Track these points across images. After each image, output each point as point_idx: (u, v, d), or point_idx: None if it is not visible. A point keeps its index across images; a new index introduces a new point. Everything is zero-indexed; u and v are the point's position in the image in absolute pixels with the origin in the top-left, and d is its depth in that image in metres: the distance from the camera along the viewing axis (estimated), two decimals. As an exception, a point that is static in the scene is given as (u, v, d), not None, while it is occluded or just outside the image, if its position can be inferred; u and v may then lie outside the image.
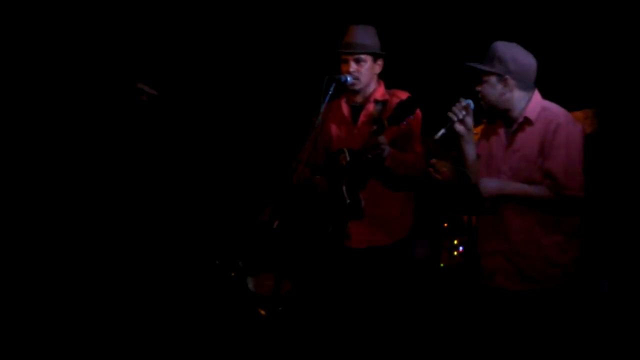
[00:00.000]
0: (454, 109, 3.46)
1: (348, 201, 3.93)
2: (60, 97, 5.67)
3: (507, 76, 3.44)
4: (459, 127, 3.47)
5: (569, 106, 3.60)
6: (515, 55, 3.47)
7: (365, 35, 4.03)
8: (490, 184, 3.46)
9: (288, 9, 5.62)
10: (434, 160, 4.21)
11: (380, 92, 4.07)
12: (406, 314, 4.09)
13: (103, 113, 5.24)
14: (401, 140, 3.95)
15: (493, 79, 3.46)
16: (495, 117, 3.58)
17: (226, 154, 5.84)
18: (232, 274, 5.05)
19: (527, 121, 3.46)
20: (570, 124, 3.44)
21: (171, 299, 5.00)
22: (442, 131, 3.46)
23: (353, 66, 4.00)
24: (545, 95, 3.56)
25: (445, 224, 5.25)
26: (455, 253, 5.03)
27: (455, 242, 5.03)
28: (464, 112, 3.45)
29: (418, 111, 3.89)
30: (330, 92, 3.91)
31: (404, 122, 3.74)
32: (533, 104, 3.47)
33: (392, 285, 3.98)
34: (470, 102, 3.48)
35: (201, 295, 5.04)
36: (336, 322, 4.02)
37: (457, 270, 5.06)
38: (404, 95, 3.96)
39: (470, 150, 3.53)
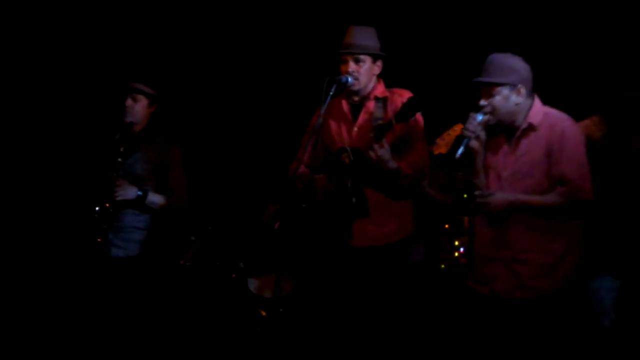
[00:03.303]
0: (469, 126, 3.43)
1: (354, 200, 3.93)
2: (57, 97, 5.69)
3: (519, 85, 3.43)
4: (474, 144, 3.47)
5: (573, 113, 3.58)
6: (521, 63, 3.47)
7: (364, 35, 4.03)
8: (500, 198, 3.42)
9: (288, 9, 5.62)
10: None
11: (380, 90, 4.08)
12: (406, 315, 4.08)
13: (99, 113, 5.24)
14: (407, 137, 3.96)
15: (506, 90, 3.44)
16: (500, 129, 3.54)
17: (227, 154, 5.84)
18: (233, 275, 5.05)
19: (531, 127, 3.46)
20: (575, 126, 3.45)
21: (172, 300, 5.00)
22: (461, 149, 3.43)
23: (352, 66, 4.00)
24: (547, 103, 3.56)
25: (447, 225, 5.24)
26: (456, 254, 5.02)
27: (456, 242, 5.02)
28: (479, 128, 3.45)
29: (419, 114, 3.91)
30: (330, 93, 3.91)
31: (413, 118, 3.76)
32: (535, 110, 3.47)
33: (393, 285, 3.97)
34: (482, 116, 3.46)
35: (202, 296, 5.04)
36: (337, 322, 4.02)
37: (458, 271, 5.05)
38: (404, 93, 3.97)
39: (480, 163, 3.53)
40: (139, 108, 4.50)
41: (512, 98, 3.45)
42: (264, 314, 4.87)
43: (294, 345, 4.63)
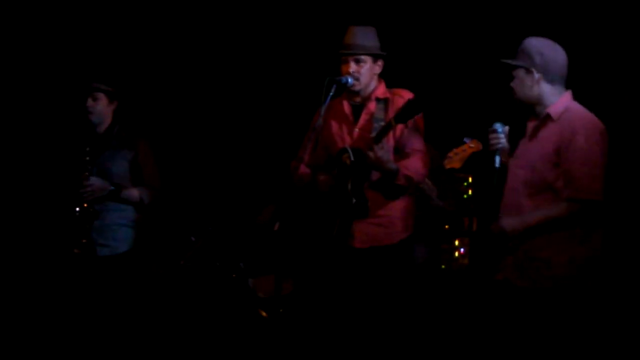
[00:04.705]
0: (491, 139, 3.57)
1: (354, 200, 3.93)
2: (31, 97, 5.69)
3: (532, 69, 3.46)
4: (504, 155, 3.58)
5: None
6: (541, 48, 3.47)
7: (365, 35, 4.03)
8: (512, 222, 3.45)
9: (288, 9, 5.62)
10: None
11: (381, 91, 4.08)
12: (408, 315, 4.08)
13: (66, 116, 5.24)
14: (407, 138, 3.97)
15: (521, 72, 3.49)
16: (527, 112, 3.58)
17: (227, 154, 5.85)
18: (233, 276, 5.06)
19: (549, 117, 3.46)
20: (591, 125, 3.40)
21: (173, 300, 5.00)
22: (497, 160, 3.55)
23: (353, 66, 4.00)
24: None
25: (447, 226, 5.24)
26: (457, 254, 5.02)
27: (457, 242, 5.02)
28: (499, 137, 3.57)
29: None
30: (330, 94, 3.92)
31: (412, 120, 3.76)
32: (559, 104, 3.46)
33: (395, 285, 3.97)
34: (499, 125, 3.58)
35: (202, 296, 5.04)
36: (338, 322, 4.01)
37: (458, 271, 5.05)
38: (405, 93, 3.97)
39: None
40: (100, 107, 4.53)
41: (527, 82, 3.48)
42: (264, 314, 4.87)
43: (295, 346, 4.63)
